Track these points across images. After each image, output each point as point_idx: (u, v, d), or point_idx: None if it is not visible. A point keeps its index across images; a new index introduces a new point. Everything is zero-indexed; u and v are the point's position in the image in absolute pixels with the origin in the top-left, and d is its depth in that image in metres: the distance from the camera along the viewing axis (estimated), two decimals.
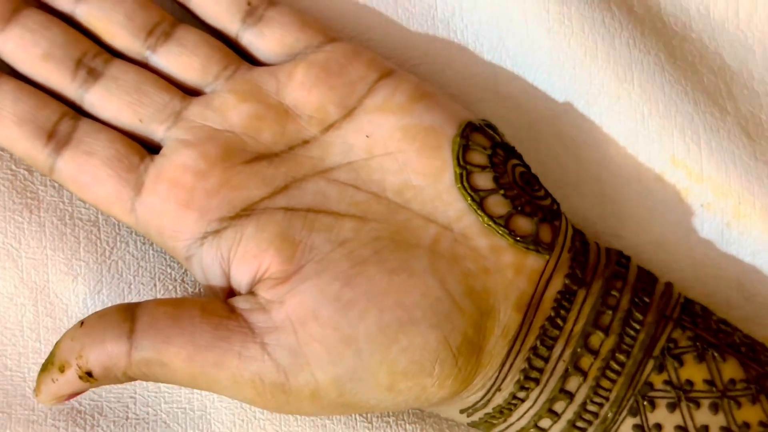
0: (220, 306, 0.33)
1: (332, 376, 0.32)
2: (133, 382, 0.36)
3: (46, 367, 0.33)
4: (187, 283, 0.37)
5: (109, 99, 0.35)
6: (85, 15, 0.35)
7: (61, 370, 0.32)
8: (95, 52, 0.35)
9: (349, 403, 0.32)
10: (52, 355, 0.33)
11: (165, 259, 0.37)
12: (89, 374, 0.32)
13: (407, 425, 0.37)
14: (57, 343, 0.33)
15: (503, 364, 0.33)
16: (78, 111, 0.35)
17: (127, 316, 0.32)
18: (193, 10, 0.37)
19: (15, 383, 0.36)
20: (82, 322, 0.33)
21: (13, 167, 0.36)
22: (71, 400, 0.36)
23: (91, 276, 0.36)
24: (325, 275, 0.32)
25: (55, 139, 0.34)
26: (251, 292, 0.33)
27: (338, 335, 0.32)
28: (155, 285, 0.37)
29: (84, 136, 0.34)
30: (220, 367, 0.32)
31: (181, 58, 0.36)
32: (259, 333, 0.32)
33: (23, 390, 0.36)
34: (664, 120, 0.38)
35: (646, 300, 0.34)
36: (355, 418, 0.37)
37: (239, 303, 0.33)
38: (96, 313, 0.33)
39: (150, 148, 0.35)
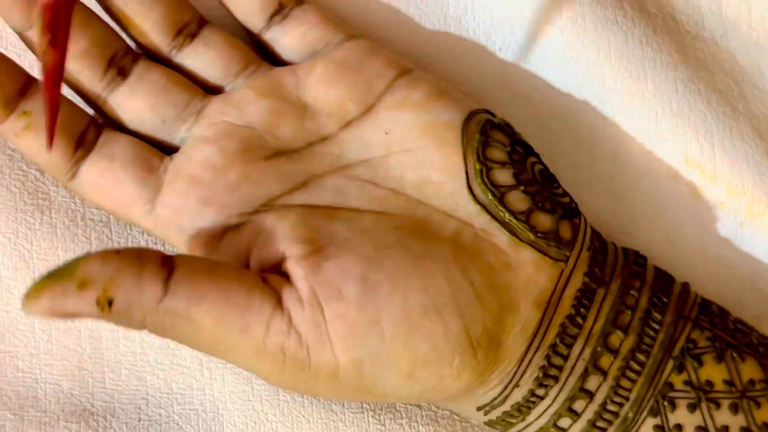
0: (253, 273, 0.32)
1: (353, 357, 0.31)
2: (145, 384, 0.36)
3: (59, 275, 0.29)
4: None
5: (134, 100, 0.35)
6: (121, 8, 0.35)
7: (81, 286, 0.29)
8: (125, 50, 0.35)
9: (366, 387, 0.32)
10: (71, 267, 0.30)
11: None
12: (110, 303, 0.30)
13: (420, 427, 0.37)
14: (81, 260, 0.30)
15: (521, 360, 0.33)
16: (98, 110, 0.36)
17: (165, 262, 0.31)
18: (224, 3, 0.37)
19: (27, 384, 0.36)
20: (118, 251, 0.30)
21: (25, 168, 0.36)
22: (85, 402, 0.36)
23: None
24: (350, 256, 0.32)
25: (82, 147, 0.34)
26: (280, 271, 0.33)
27: (363, 316, 0.31)
28: None
29: (105, 141, 0.34)
30: (246, 333, 0.31)
31: (205, 58, 0.36)
32: (287, 306, 0.31)
33: (35, 392, 0.36)
34: (678, 119, 0.38)
35: (665, 300, 0.34)
36: (368, 421, 0.37)
37: (269, 276, 0.32)
38: (134, 248, 0.32)
39: (169, 151, 0.35)
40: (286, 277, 0.32)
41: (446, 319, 0.32)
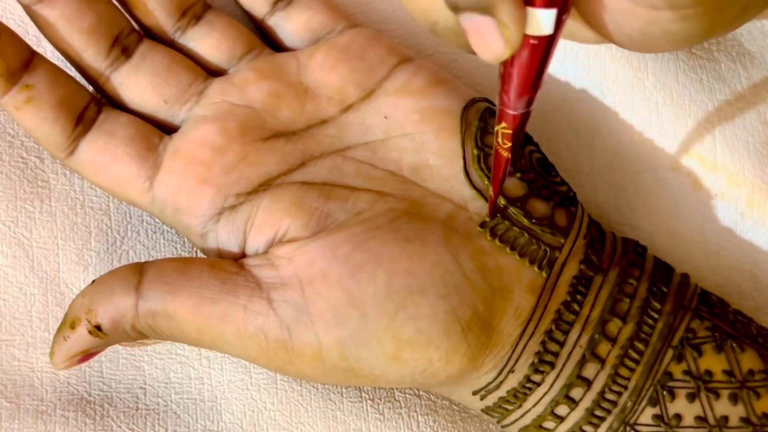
0: (228, 263, 0.33)
1: (336, 337, 0.31)
2: (143, 373, 0.36)
3: (59, 328, 0.33)
4: None
5: (137, 78, 0.35)
6: None
7: (72, 326, 0.32)
8: (130, 30, 0.35)
9: (352, 369, 0.32)
10: (65, 315, 0.33)
11: (175, 248, 0.37)
12: (99, 328, 0.32)
13: (419, 417, 0.37)
14: (70, 304, 0.33)
15: (516, 345, 0.33)
16: (99, 89, 0.36)
17: (135, 271, 0.32)
18: None
19: (23, 373, 0.35)
20: (93, 281, 0.33)
21: (24, 155, 0.36)
22: (82, 391, 0.35)
23: (102, 266, 0.36)
24: (338, 237, 0.32)
25: (82, 124, 0.34)
26: (263, 253, 0.34)
27: (345, 296, 0.31)
28: None
29: (105, 119, 0.35)
30: (225, 320, 0.32)
31: (209, 40, 0.36)
32: (266, 288, 0.32)
33: (31, 380, 0.35)
34: (678, 109, 0.38)
35: (664, 289, 0.34)
36: (367, 410, 0.37)
37: (249, 260, 0.33)
38: (108, 271, 0.33)
39: (169, 131, 0.35)
40: (269, 255, 0.33)
41: (432, 301, 0.32)
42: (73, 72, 0.36)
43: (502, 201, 0.34)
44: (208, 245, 0.34)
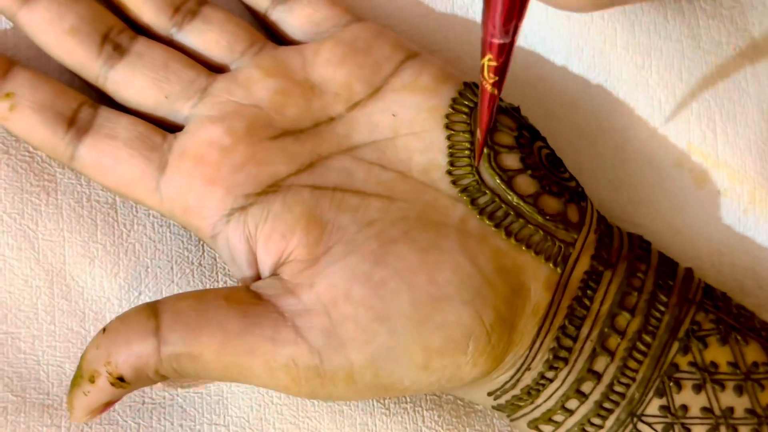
0: (245, 293, 0.33)
1: (367, 356, 0.31)
2: None
3: (75, 382, 0.32)
4: (204, 267, 0.37)
5: (135, 76, 0.35)
6: None
7: (92, 380, 0.32)
8: (121, 28, 0.35)
9: (383, 384, 0.32)
10: (79, 368, 0.32)
11: (182, 241, 0.37)
12: (121, 379, 0.32)
13: (425, 411, 0.37)
14: (82, 356, 0.32)
15: (533, 343, 0.33)
16: (99, 92, 0.35)
17: (150, 314, 0.32)
18: None
19: (29, 366, 0.35)
20: (104, 329, 0.32)
21: (31, 149, 0.36)
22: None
23: (108, 258, 0.36)
24: (355, 255, 0.32)
25: (76, 126, 0.34)
26: (275, 275, 0.33)
27: (371, 314, 0.31)
28: (172, 268, 0.37)
29: (104, 122, 0.34)
30: (253, 353, 0.31)
31: (207, 36, 0.36)
32: (290, 316, 0.32)
33: (37, 374, 0.35)
34: (681, 107, 0.38)
35: (670, 283, 0.34)
36: (373, 405, 0.37)
37: (265, 289, 0.33)
38: (117, 317, 0.33)
39: (172, 129, 0.35)
40: (286, 282, 0.32)
41: (457, 308, 0.32)
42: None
43: (514, 199, 0.33)
44: (218, 246, 0.34)
